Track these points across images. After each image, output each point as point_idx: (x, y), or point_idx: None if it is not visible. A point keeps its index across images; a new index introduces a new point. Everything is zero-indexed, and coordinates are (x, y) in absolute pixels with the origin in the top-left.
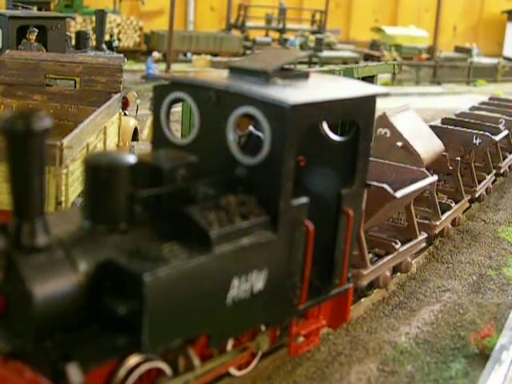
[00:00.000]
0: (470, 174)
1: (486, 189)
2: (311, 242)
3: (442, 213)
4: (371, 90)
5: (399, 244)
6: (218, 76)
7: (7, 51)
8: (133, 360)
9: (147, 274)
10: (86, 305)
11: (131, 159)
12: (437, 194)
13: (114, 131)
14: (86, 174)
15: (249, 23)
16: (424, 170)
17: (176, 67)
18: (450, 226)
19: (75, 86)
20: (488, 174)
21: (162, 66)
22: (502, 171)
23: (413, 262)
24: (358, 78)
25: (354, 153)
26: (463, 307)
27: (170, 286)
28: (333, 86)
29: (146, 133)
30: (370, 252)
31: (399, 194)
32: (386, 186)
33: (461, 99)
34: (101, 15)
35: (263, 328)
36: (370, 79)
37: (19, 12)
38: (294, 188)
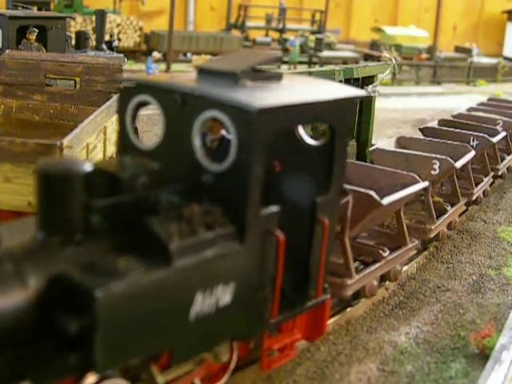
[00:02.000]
0: (467, 176)
1: (484, 191)
2: (282, 253)
3: (438, 216)
4: (348, 93)
5: (387, 252)
6: (186, 78)
7: (7, 51)
8: (91, 378)
9: (99, 289)
10: (38, 321)
11: (87, 167)
12: (433, 196)
13: (114, 131)
14: (38, 183)
15: (249, 23)
16: (415, 175)
17: (176, 67)
18: (445, 229)
19: (75, 86)
20: (485, 177)
21: (162, 66)
22: (499, 173)
23: (402, 270)
24: (358, 79)
25: (330, 158)
26: (463, 307)
27: (124, 301)
28: (307, 88)
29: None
30: (356, 260)
31: (386, 200)
32: (372, 193)
33: (461, 99)
34: (101, 15)
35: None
36: (369, 79)
37: (19, 12)
38: (269, 195)
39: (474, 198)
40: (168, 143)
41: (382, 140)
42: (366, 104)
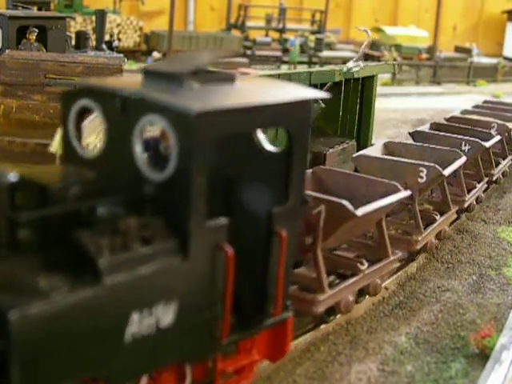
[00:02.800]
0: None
1: (477, 198)
2: (231, 269)
3: (427, 225)
4: (305, 95)
5: (366, 265)
6: (129, 81)
7: (7, 51)
8: None
9: (14, 311)
10: None
11: (11, 177)
12: (422, 204)
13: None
14: None
15: (249, 23)
16: (397, 183)
17: None
18: (433, 240)
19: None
20: (479, 183)
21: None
22: (494, 178)
23: (383, 285)
24: (358, 79)
25: (288, 166)
26: (463, 307)
27: (45, 323)
28: (261, 90)
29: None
30: (334, 274)
31: (361, 211)
32: (345, 202)
33: (461, 99)
34: (101, 15)
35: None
36: (369, 79)
37: (19, 12)
38: (228, 205)
39: (465, 205)
40: (110, 151)
41: (381, 139)
42: (366, 104)
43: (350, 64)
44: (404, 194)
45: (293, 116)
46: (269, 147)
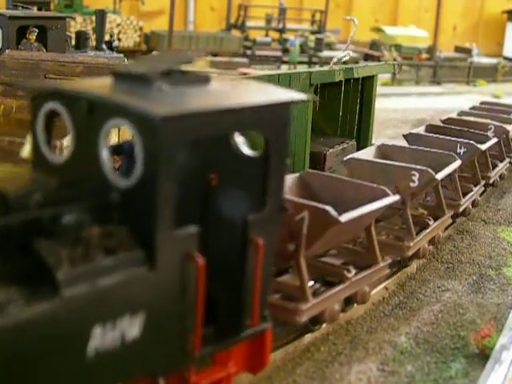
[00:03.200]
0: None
1: (473, 202)
2: (202, 279)
3: (420, 231)
4: (283, 97)
5: (353, 272)
6: (98, 83)
7: (7, 51)
8: None
9: None
10: None
11: None
12: (417, 209)
13: (113, 131)
14: None
15: (249, 23)
16: (385, 188)
17: None
18: (426, 246)
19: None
20: (475, 186)
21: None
22: (491, 181)
23: (372, 292)
24: (358, 79)
25: (265, 172)
26: (463, 307)
27: (1, 338)
28: (235, 92)
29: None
30: (317, 282)
31: (345, 217)
32: (328, 208)
33: (461, 99)
34: (101, 15)
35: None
36: (369, 79)
37: (19, 12)
38: (206, 211)
39: (461, 209)
40: (77, 156)
41: (386, 138)
42: (366, 104)
43: (340, 54)
44: (392, 198)
45: (269, 119)
46: (247, 151)
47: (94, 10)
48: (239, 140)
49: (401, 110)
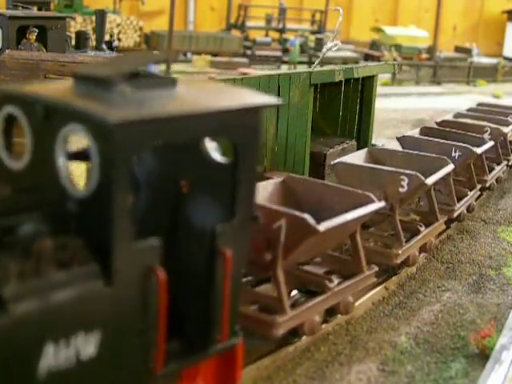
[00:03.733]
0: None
1: (468, 206)
2: (163, 294)
3: (411, 237)
4: (253, 101)
5: (335, 282)
6: (57, 87)
7: (7, 51)
8: None
9: None
10: None
11: None
12: (408, 214)
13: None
14: None
15: (249, 23)
16: (370, 194)
17: (176, 67)
18: (417, 253)
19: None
20: (471, 190)
21: (162, 66)
22: (487, 185)
23: (357, 303)
24: (358, 79)
25: (234, 180)
26: (463, 307)
27: None
28: (203, 96)
29: None
30: (300, 290)
31: (324, 226)
32: (306, 216)
33: (461, 99)
34: (101, 15)
35: None
36: (369, 79)
37: (19, 12)
38: (176, 220)
39: (455, 215)
40: (34, 163)
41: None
42: (366, 104)
43: (329, 44)
44: (377, 205)
45: (237, 125)
46: (217, 158)
47: (94, 10)
48: (210, 146)
49: (401, 110)
